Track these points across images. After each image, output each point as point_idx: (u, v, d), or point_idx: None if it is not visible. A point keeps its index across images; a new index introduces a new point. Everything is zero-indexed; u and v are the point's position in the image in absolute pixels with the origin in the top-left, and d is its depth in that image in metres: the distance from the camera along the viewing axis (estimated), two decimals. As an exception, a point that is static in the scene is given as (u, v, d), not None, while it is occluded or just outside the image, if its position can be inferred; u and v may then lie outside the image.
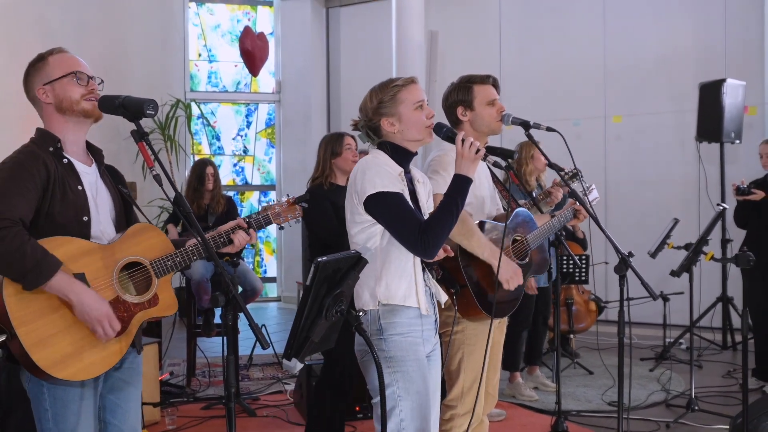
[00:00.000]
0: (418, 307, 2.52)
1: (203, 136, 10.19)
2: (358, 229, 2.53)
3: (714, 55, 7.59)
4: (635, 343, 7.09)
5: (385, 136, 2.62)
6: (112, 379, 2.42)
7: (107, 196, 2.47)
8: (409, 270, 2.52)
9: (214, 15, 10.16)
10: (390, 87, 2.58)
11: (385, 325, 2.48)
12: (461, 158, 2.51)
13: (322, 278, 1.83)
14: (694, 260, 4.48)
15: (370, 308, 2.49)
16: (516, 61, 8.64)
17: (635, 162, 7.97)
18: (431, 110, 2.61)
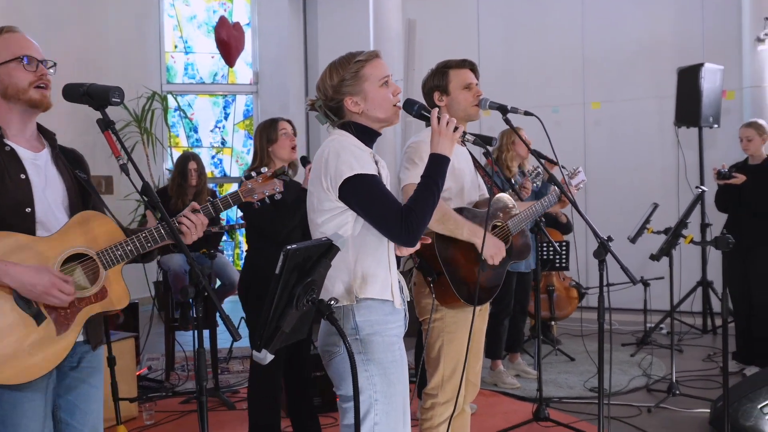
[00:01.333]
0: (392, 301, 2.34)
1: (180, 129, 10.06)
2: (326, 217, 2.30)
3: (692, 40, 7.59)
4: (616, 329, 7.10)
5: (347, 116, 2.39)
6: (69, 378, 2.29)
7: (59, 183, 2.32)
8: (385, 260, 2.33)
9: (189, 6, 10.02)
10: (352, 62, 2.35)
11: (361, 323, 2.28)
12: (438, 135, 2.32)
13: (292, 266, 1.77)
14: (674, 244, 4.47)
15: (344, 304, 2.27)
16: (495, 48, 8.60)
17: (615, 148, 7.97)
18: (398, 86, 2.43)
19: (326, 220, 2.31)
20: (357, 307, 2.29)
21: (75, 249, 2.21)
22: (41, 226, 2.21)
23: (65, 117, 8.16)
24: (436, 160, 2.33)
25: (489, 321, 5.37)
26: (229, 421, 4.70)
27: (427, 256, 2.94)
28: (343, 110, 2.39)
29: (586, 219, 2.90)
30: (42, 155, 2.33)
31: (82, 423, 2.33)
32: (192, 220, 2.34)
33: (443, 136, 2.33)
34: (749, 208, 5.29)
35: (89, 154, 8.07)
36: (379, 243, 2.32)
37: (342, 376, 2.30)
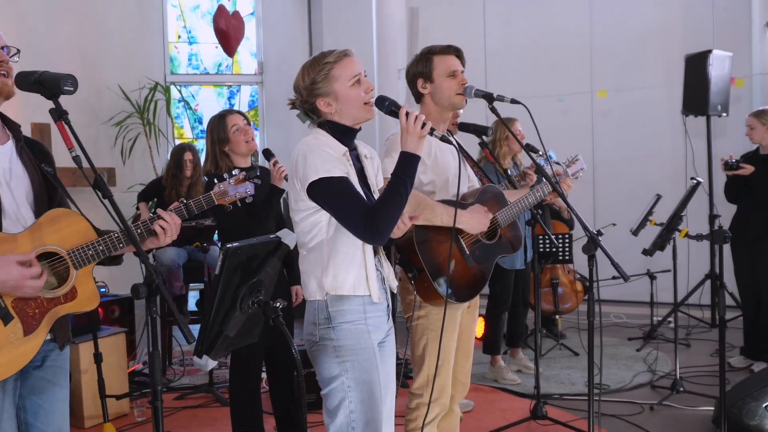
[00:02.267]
0: (369, 295, 2.35)
1: (185, 120, 9.98)
2: (302, 216, 2.36)
3: (701, 26, 7.40)
4: (623, 323, 6.97)
5: (323, 116, 2.42)
6: (33, 378, 2.23)
7: (24, 177, 2.25)
8: (359, 258, 2.35)
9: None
10: (322, 64, 2.38)
11: (334, 313, 2.34)
12: (406, 134, 2.30)
13: (233, 266, 1.66)
14: (668, 238, 4.32)
15: (318, 298, 2.34)
16: (500, 36, 8.44)
17: (623, 138, 7.80)
18: (370, 83, 2.41)
19: (302, 218, 2.37)
20: (330, 300, 2.34)
21: (45, 248, 2.14)
22: (7, 220, 2.14)
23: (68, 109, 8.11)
24: (405, 159, 2.33)
25: (487, 316, 5.31)
26: (221, 418, 4.62)
27: (407, 252, 2.82)
28: (317, 110, 2.42)
29: (574, 212, 2.78)
30: (5, 148, 2.26)
31: (46, 424, 2.27)
32: (168, 221, 2.29)
33: (411, 134, 2.31)
34: (757, 199, 5.14)
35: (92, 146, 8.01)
36: (352, 241, 2.34)
37: (320, 363, 2.37)
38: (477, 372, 5.42)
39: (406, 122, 2.30)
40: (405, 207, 2.31)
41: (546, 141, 5.88)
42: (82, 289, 2.19)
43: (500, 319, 5.22)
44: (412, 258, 2.82)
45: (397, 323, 2.77)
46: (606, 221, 7.72)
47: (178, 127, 9.85)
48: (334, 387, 2.34)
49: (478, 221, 2.88)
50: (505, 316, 5.27)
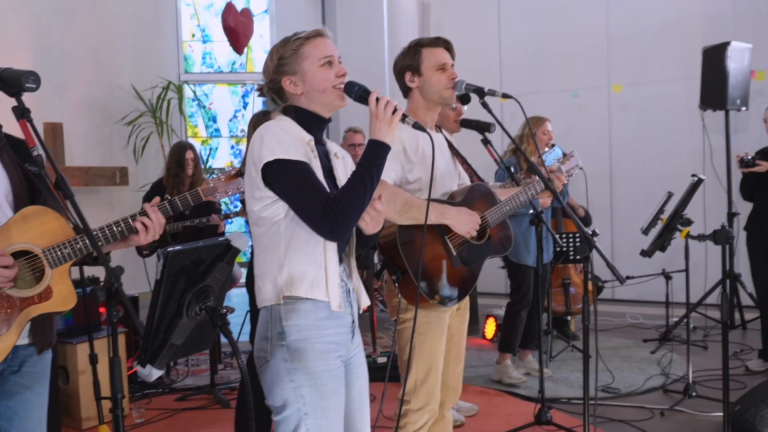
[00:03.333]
0: (327, 302, 2.09)
1: (199, 119, 9.96)
2: (259, 206, 2.09)
3: (722, 18, 7.19)
4: (639, 323, 6.80)
5: (289, 99, 2.21)
6: (9, 383, 2.17)
7: (3, 177, 2.17)
8: (318, 256, 2.09)
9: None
10: (292, 41, 2.18)
11: (288, 327, 2.06)
12: (375, 120, 2.09)
13: (175, 271, 1.57)
14: (668, 238, 4.14)
15: (272, 304, 2.08)
16: (515, 30, 8.29)
17: (640, 133, 7.62)
18: (342, 68, 2.20)
19: (261, 209, 2.11)
20: (285, 310, 2.07)
21: (18, 246, 2.07)
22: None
23: (82, 109, 8.19)
24: (372, 147, 2.11)
25: (506, 311, 5.16)
26: (221, 420, 4.55)
27: (391, 253, 2.71)
28: (284, 92, 2.22)
29: (569, 212, 2.65)
30: None
31: (20, 430, 2.21)
32: (152, 219, 2.20)
33: (380, 120, 2.10)
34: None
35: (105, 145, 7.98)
36: (312, 238, 2.09)
37: (270, 385, 2.11)
38: (484, 374, 5.29)
39: (376, 107, 2.10)
40: (369, 200, 2.09)
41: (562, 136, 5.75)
42: (58, 288, 2.12)
43: (519, 316, 5.05)
44: (396, 260, 2.71)
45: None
46: (623, 217, 7.56)
47: (192, 126, 9.84)
48: (286, 415, 2.07)
49: (467, 219, 2.76)
50: (524, 314, 5.10)
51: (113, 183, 8.10)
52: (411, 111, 2.93)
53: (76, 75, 8.10)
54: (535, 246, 4.87)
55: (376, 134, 2.11)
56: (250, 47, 10.01)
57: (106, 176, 8.05)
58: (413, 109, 2.93)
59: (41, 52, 7.75)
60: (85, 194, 8.03)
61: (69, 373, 4.47)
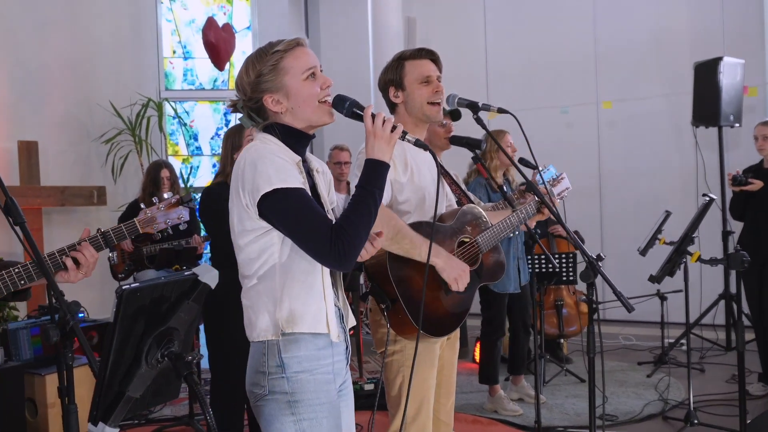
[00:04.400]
0: (327, 334, 1.97)
1: (180, 137, 9.73)
2: (249, 239, 1.95)
3: (711, 34, 7.08)
4: (633, 345, 6.61)
5: (271, 116, 2.03)
6: None
7: None
8: (318, 287, 1.96)
9: (188, 10, 9.71)
10: (269, 54, 2.00)
11: (288, 360, 1.93)
12: (373, 138, 1.94)
13: (132, 312, 1.36)
14: (678, 262, 3.96)
15: (269, 338, 1.93)
16: (502, 46, 8.16)
17: (630, 150, 7.48)
18: (327, 78, 2.03)
19: (250, 242, 1.95)
20: (283, 343, 1.94)
21: None
22: None
23: (58, 127, 7.94)
24: (371, 167, 1.95)
25: (482, 343, 4.97)
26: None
27: (379, 280, 2.51)
28: (265, 110, 2.03)
29: (570, 233, 2.46)
30: None
31: None
32: (85, 255, 2.00)
33: (378, 138, 1.94)
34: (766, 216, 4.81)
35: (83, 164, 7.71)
36: (311, 268, 1.95)
37: (269, 420, 1.96)
38: (476, 401, 5.09)
39: (373, 125, 1.94)
40: (373, 223, 1.94)
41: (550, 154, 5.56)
42: None
43: (496, 347, 4.89)
44: (385, 287, 2.51)
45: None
46: (613, 235, 7.40)
47: (172, 144, 9.61)
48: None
49: (459, 270, 2.56)
50: (500, 343, 4.94)
51: (90, 203, 7.84)
52: (398, 128, 2.74)
53: (52, 92, 7.86)
54: (514, 271, 4.70)
55: (374, 153, 1.95)
56: (232, 64, 9.82)
57: (83, 196, 7.79)
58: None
59: (17, 68, 7.52)
60: (61, 214, 7.77)
61: (37, 407, 4.22)
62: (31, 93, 7.61)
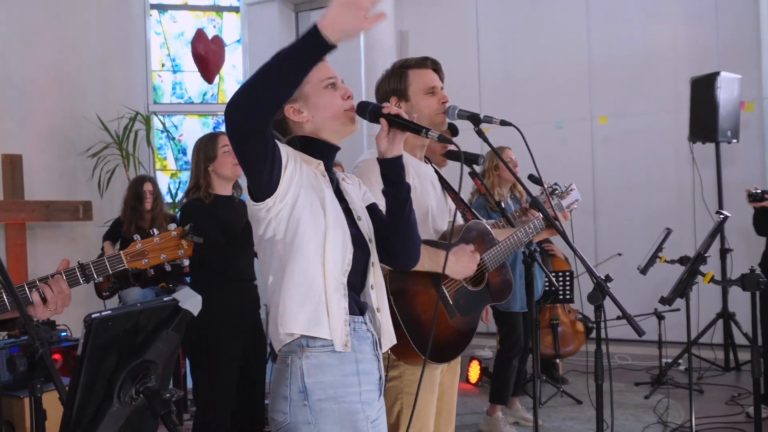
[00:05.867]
0: (354, 356, 1.86)
1: (168, 151, 9.59)
2: (263, 228, 1.87)
3: (707, 48, 7.02)
4: (629, 365, 6.49)
5: (293, 129, 1.99)
6: None
7: None
8: (317, 288, 1.82)
9: (177, 22, 9.59)
10: None
11: (311, 385, 1.81)
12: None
13: (102, 344, 1.22)
14: (690, 283, 3.84)
15: (292, 354, 1.82)
16: (495, 60, 8.07)
17: (625, 165, 7.39)
18: (348, 89, 1.98)
19: (261, 235, 1.89)
20: (307, 365, 1.82)
21: None
22: None
23: (44, 140, 7.77)
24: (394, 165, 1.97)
25: (497, 360, 4.84)
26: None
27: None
28: (287, 123, 1.99)
29: (578, 253, 2.34)
30: None
31: None
32: (53, 291, 1.84)
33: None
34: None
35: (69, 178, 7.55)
36: (304, 264, 1.83)
37: None
38: (470, 423, 4.95)
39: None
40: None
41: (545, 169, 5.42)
42: None
43: (511, 364, 4.74)
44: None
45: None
46: (608, 253, 7.30)
47: (161, 158, 9.47)
48: None
49: (464, 265, 2.43)
50: (516, 362, 4.79)
51: (76, 218, 7.67)
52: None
53: (38, 105, 7.71)
54: (521, 290, 4.57)
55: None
56: (222, 77, 9.70)
57: (69, 211, 7.62)
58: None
59: (2, 81, 7.37)
60: (46, 229, 7.60)
61: (16, 429, 4.05)
62: (16, 106, 7.46)
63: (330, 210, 1.86)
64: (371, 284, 1.99)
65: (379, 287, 2.02)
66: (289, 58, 1.66)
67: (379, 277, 2.03)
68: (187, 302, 1.38)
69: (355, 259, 1.90)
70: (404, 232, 2.01)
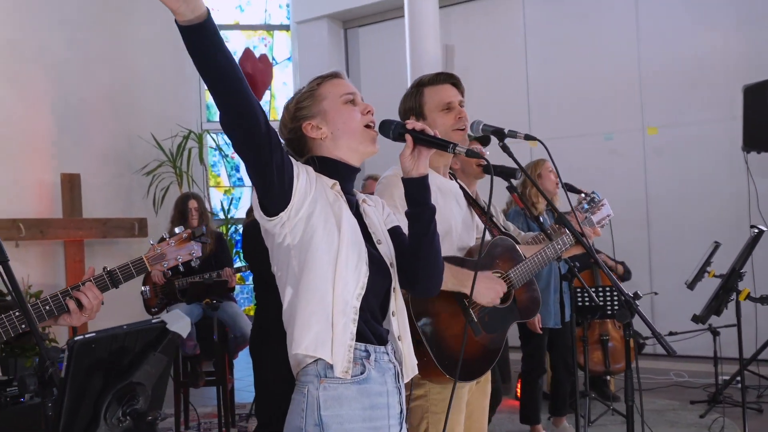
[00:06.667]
0: (375, 389, 1.80)
1: (222, 168, 9.77)
2: (278, 241, 1.81)
3: (761, 54, 6.79)
4: (684, 382, 6.29)
5: (311, 148, 1.93)
6: None
7: None
8: (326, 308, 1.74)
9: (229, 42, 9.79)
10: (308, 86, 1.96)
11: (327, 418, 1.74)
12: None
13: (87, 366, 1.24)
14: (725, 300, 3.70)
15: (309, 384, 1.76)
16: (543, 72, 7.98)
17: (678, 177, 7.19)
18: (368, 105, 1.94)
19: (280, 241, 1.81)
20: (324, 396, 1.74)
21: None
22: None
23: (100, 160, 8.02)
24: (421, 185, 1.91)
25: (523, 381, 4.76)
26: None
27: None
28: (305, 141, 1.93)
29: (604, 268, 2.28)
30: None
31: None
32: (88, 297, 1.90)
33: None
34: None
35: (125, 197, 7.77)
36: (316, 284, 1.76)
37: None
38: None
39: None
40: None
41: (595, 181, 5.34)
42: None
43: (536, 384, 4.67)
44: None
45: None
46: (663, 267, 7.12)
47: (214, 175, 9.66)
48: None
49: (490, 288, 2.39)
50: (542, 381, 4.72)
51: (132, 234, 7.89)
52: (421, 157, 2.60)
53: (94, 125, 7.96)
54: (556, 305, 4.49)
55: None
56: (273, 95, 9.86)
57: (125, 228, 7.85)
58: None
59: (60, 102, 7.65)
60: (103, 246, 7.82)
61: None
62: (74, 126, 7.72)
63: (345, 228, 1.79)
64: (392, 311, 1.92)
65: (400, 314, 1.95)
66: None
67: (401, 303, 1.96)
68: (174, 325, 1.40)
69: (375, 284, 1.82)
70: (427, 257, 1.91)
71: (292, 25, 9.75)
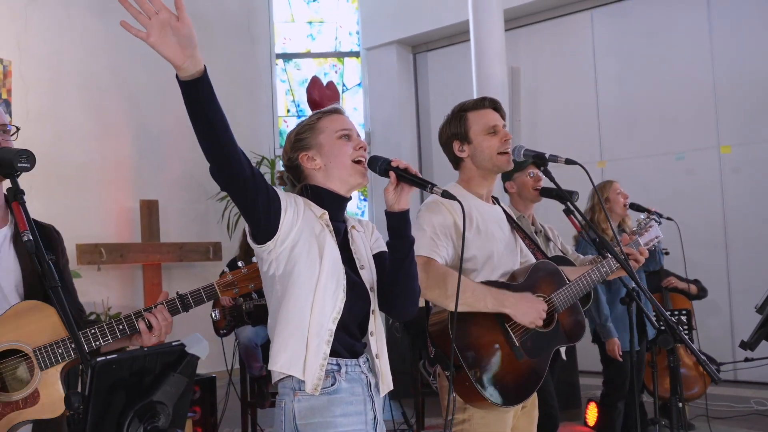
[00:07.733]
0: (345, 399, 1.94)
1: (295, 193, 9.98)
2: (264, 269, 2.00)
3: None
4: (758, 410, 6.01)
5: (306, 177, 2.10)
6: None
7: (15, 267, 2.04)
8: (302, 330, 1.90)
9: (300, 70, 10.04)
10: (309, 119, 2.14)
11: (303, 427, 1.90)
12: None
13: (108, 385, 1.31)
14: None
15: (285, 396, 1.94)
16: (614, 92, 7.85)
17: (756, 196, 6.92)
18: (361, 140, 2.10)
19: (266, 269, 1.99)
20: (299, 408, 1.92)
21: (6, 344, 1.91)
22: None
23: (177, 186, 8.33)
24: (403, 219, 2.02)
25: (602, 404, 4.66)
26: None
27: (442, 345, 2.38)
28: (301, 170, 2.11)
29: (647, 293, 2.25)
30: (2, 233, 2.05)
31: None
32: (158, 319, 2.04)
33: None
34: None
35: (200, 221, 8.03)
36: (298, 306, 1.92)
37: None
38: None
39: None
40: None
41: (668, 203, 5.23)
42: (47, 392, 1.94)
43: (616, 408, 4.56)
44: (449, 352, 2.36)
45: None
46: (743, 289, 6.86)
47: (287, 200, 9.88)
48: None
49: (530, 307, 2.39)
50: (622, 405, 4.60)
51: (206, 258, 8.15)
52: (464, 182, 2.64)
53: (172, 152, 8.28)
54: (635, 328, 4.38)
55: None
56: (344, 120, 10.03)
57: (200, 252, 8.12)
58: (466, 180, 2.63)
59: (139, 131, 8.00)
60: (180, 269, 8.10)
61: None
62: (152, 154, 8.06)
63: (327, 260, 1.94)
64: (371, 331, 2.05)
65: (378, 334, 2.07)
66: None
67: (380, 324, 2.08)
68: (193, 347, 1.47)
69: (354, 307, 1.98)
70: (404, 283, 2.04)
71: (362, 52, 9.92)
